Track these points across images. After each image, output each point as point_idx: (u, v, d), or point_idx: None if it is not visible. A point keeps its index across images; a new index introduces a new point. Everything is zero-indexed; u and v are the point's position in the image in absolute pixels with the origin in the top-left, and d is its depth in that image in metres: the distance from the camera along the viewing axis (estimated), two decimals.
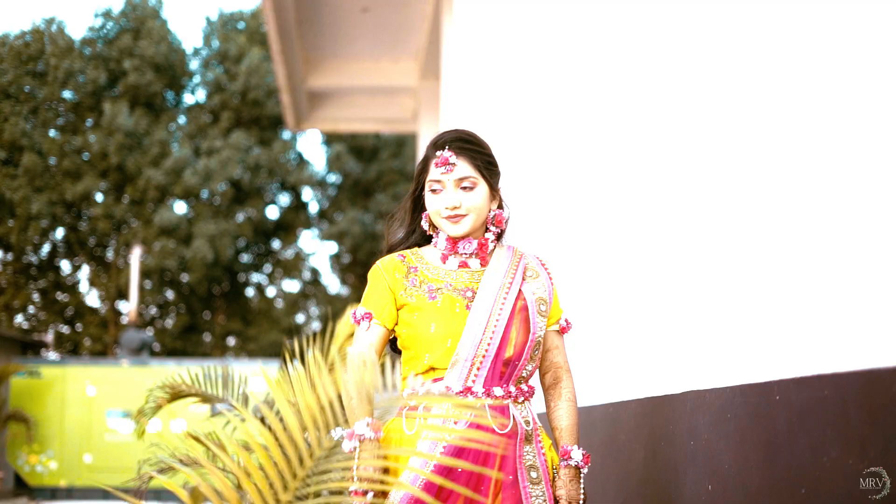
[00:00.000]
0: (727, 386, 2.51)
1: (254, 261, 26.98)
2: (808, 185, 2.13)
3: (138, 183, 24.56)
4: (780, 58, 2.32)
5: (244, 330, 26.06)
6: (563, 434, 2.63)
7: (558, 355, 2.71)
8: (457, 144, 2.62)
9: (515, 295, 2.59)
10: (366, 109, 14.84)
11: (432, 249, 2.70)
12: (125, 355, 17.66)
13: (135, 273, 20.86)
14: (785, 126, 2.26)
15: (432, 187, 2.63)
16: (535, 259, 2.73)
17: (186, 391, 4.07)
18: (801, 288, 2.16)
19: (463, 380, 2.49)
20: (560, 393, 2.67)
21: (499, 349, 2.52)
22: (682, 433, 2.82)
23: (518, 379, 2.57)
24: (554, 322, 2.70)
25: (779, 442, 2.19)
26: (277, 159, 25.61)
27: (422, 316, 2.55)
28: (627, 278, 3.43)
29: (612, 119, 3.80)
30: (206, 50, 26.66)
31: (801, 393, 2.09)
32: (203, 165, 24.41)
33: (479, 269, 2.65)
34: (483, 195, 2.61)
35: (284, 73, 12.32)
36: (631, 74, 3.58)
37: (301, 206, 27.08)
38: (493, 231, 2.67)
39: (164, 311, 26.46)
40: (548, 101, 4.91)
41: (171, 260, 24.21)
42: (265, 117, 25.62)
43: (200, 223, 24.57)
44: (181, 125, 26.08)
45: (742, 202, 2.49)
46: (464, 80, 8.36)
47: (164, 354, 24.68)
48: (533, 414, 2.60)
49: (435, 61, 11.34)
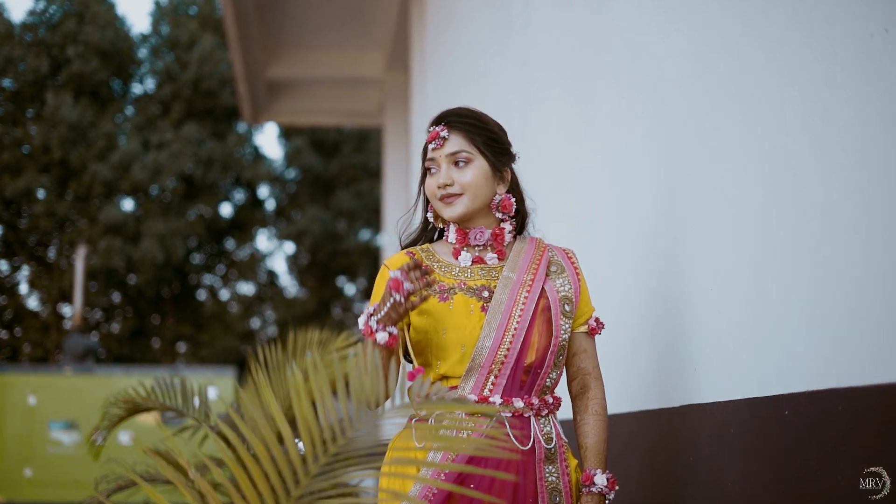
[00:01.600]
0: (730, 399, 2.51)
1: (206, 261, 26.87)
2: (817, 191, 2.14)
3: (83, 178, 24.38)
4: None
5: (196, 335, 25.94)
6: (587, 454, 2.48)
7: (586, 360, 2.55)
8: (451, 119, 2.51)
9: (538, 293, 2.45)
10: (328, 101, 14.81)
11: (444, 244, 2.57)
12: (68, 362, 17.49)
13: (79, 274, 20.67)
14: (794, 134, 2.26)
15: (428, 167, 2.52)
16: (560, 252, 2.59)
17: (143, 405, 4.01)
18: (812, 296, 2.17)
19: (479, 389, 2.38)
20: (586, 404, 2.52)
21: (519, 355, 2.39)
22: (681, 448, 2.82)
23: (541, 389, 2.43)
24: (582, 322, 2.55)
25: (787, 458, 2.19)
26: (232, 153, 25.52)
27: (433, 320, 2.42)
28: (621, 283, 3.43)
29: (605, 110, 3.80)
30: (156, 36, 26.51)
31: (813, 407, 2.09)
32: (152, 160, 24.27)
33: (496, 264, 2.52)
34: (480, 173, 2.47)
35: (242, 61, 12.25)
36: (626, 67, 3.58)
37: (257, 204, 27.00)
38: (509, 221, 2.53)
39: (110, 315, 26.28)
40: (527, 94, 4.91)
41: (118, 260, 24.04)
42: (219, 109, 25.52)
43: (149, 221, 24.42)
44: (129, 117, 25.92)
45: (749, 206, 2.49)
46: (435, 71, 8.36)
47: (110, 361, 24.49)
48: (558, 429, 2.46)
49: (403, 51, 11.33)
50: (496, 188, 2.52)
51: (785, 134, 2.27)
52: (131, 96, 26.48)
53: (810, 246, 2.16)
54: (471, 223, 2.52)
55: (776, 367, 2.30)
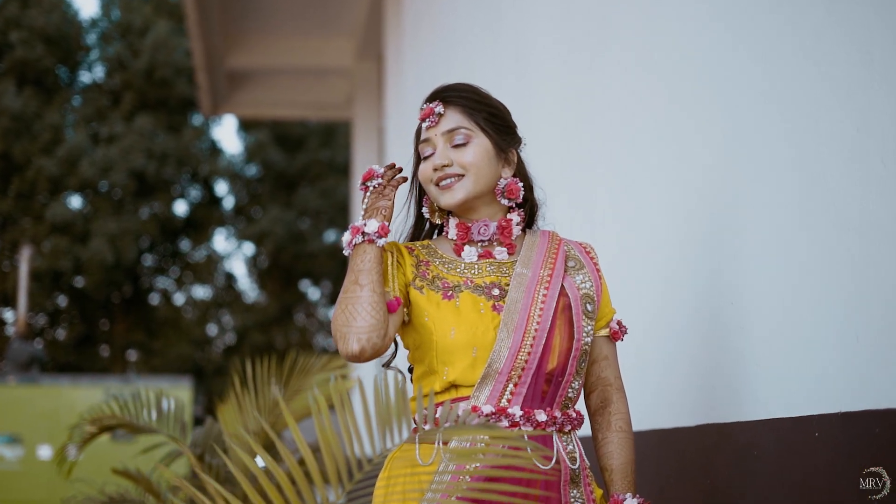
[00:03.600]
0: (753, 420, 2.53)
1: (159, 263, 26.71)
2: (850, 203, 2.16)
3: (27, 174, 24.18)
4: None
5: (148, 342, 25.80)
6: (613, 476, 2.33)
7: (607, 368, 2.42)
8: (446, 94, 2.38)
9: (558, 290, 2.31)
10: (293, 92, 14.77)
11: (446, 241, 2.43)
12: (11, 371, 17.35)
13: (23, 276, 20.52)
14: (826, 142, 2.28)
15: (423, 151, 2.39)
16: (577, 246, 2.45)
17: (114, 422, 4.00)
18: (846, 311, 2.18)
19: (496, 399, 2.22)
20: (609, 421, 2.39)
21: (540, 360, 2.25)
22: (697, 470, 2.84)
23: (564, 401, 2.29)
24: (603, 325, 2.42)
25: (817, 483, 2.21)
26: (188, 148, 25.39)
27: (437, 318, 2.27)
28: (636, 294, 3.44)
29: (610, 110, 3.80)
30: (105, 21, 26.33)
31: (848, 430, 2.11)
32: (102, 154, 24.11)
33: (506, 259, 2.38)
34: (482, 151, 2.34)
35: (202, 49, 12.20)
36: (635, 62, 3.59)
37: (214, 202, 26.87)
38: (516, 211, 2.40)
39: (56, 321, 26.09)
40: (521, 89, 4.91)
41: (65, 262, 23.86)
42: (174, 99, 25.38)
43: (98, 220, 24.26)
44: (76, 108, 25.73)
45: (777, 218, 2.50)
46: (414, 61, 8.34)
47: (56, 370, 24.31)
48: (581, 449, 2.32)
49: (375, 39, 11.32)
50: (500, 171, 2.39)
51: (816, 141, 2.28)
52: (79, 85, 26.29)
53: (844, 260, 2.17)
54: (472, 213, 2.39)
55: (805, 387, 2.32)
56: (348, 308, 2.19)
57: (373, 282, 2.21)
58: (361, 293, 2.19)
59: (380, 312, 2.18)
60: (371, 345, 2.16)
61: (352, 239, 2.26)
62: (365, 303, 2.18)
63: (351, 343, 2.16)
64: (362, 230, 2.25)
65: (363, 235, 2.25)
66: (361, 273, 2.21)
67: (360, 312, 2.17)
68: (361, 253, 2.24)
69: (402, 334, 2.36)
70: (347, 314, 2.18)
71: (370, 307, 2.18)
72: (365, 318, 2.17)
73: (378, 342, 2.17)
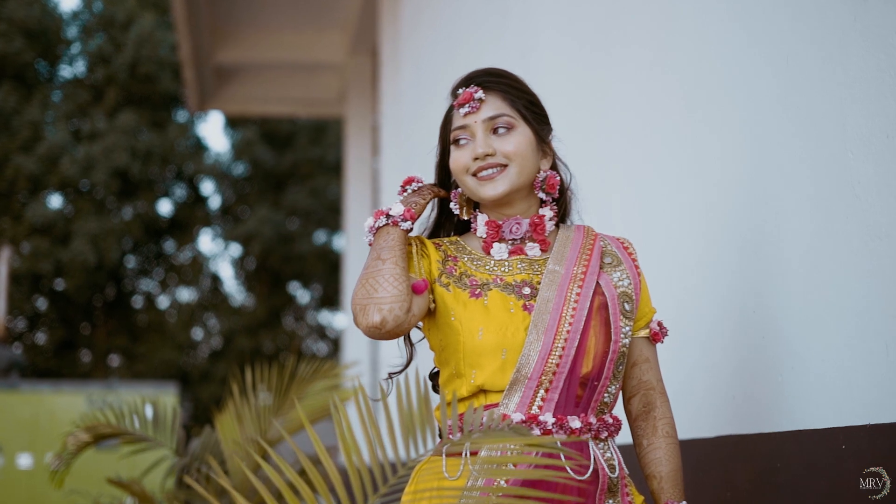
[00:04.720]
0: (776, 431, 2.54)
1: (143, 265, 26.68)
2: (879, 212, 2.17)
3: (5, 172, 24.15)
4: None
5: (131, 347, 25.77)
6: (663, 485, 2.27)
7: (648, 371, 2.35)
8: (484, 79, 2.32)
9: (592, 289, 2.25)
10: (282, 88, 14.75)
11: (473, 237, 2.38)
12: None
13: (1, 279, 20.51)
14: (854, 149, 2.29)
15: (457, 138, 2.31)
16: (615, 242, 2.39)
17: (108, 430, 4.01)
18: (874, 321, 2.20)
19: (526, 406, 2.15)
20: (654, 426, 2.32)
21: (573, 363, 2.18)
22: (715, 482, 2.85)
23: (600, 406, 2.23)
24: (642, 325, 2.35)
25: (844, 496, 2.23)
26: (172, 145, 25.37)
27: (463, 318, 2.21)
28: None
29: (622, 110, 3.82)
30: (87, 14, 26.30)
31: (876, 442, 2.13)
32: (83, 152, 24.09)
33: (538, 256, 2.32)
34: (525, 141, 2.28)
35: (188, 43, 12.19)
36: (649, 60, 3.60)
37: (200, 201, 26.85)
38: (549, 206, 2.34)
39: (36, 325, 26.05)
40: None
41: (45, 263, 23.85)
42: (158, 95, 25.36)
43: (80, 220, 24.24)
44: (57, 103, 25.69)
45: (801, 225, 2.52)
46: (412, 56, 8.33)
47: (36, 376, 24.29)
48: (619, 456, 2.25)
49: (369, 33, 11.32)
50: (539, 163, 2.33)
51: (843, 147, 2.30)
52: (59, 80, 26.24)
53: (872, 269, 2.19)
54: (507, 208, 2.32)
55: (832, 399, 2.34)
56: (369, 281, 2.17)
57: (395, 256, 2.19)
58: (383, 266, 2.18)
59: (402, 284, 2.16)
60: (393, 316, 2.13)
61: (375, 222, 2.26)
62: (387, 274, 2.17)
63: (371, 314, 2.13)
64: (387, 213, 2.26)
65: (387, 217, 2.25)
66: (384, 249, 2.21)
67: (382, 283, 2.15)
68: (385, 234, 2.24)
69: (427, 335, 2.32)
70: (368, 286, 2.16)
71: (392, 278, 2.16)
72: (387, 289, 2.15)
73: (400, 315, 2.14)
